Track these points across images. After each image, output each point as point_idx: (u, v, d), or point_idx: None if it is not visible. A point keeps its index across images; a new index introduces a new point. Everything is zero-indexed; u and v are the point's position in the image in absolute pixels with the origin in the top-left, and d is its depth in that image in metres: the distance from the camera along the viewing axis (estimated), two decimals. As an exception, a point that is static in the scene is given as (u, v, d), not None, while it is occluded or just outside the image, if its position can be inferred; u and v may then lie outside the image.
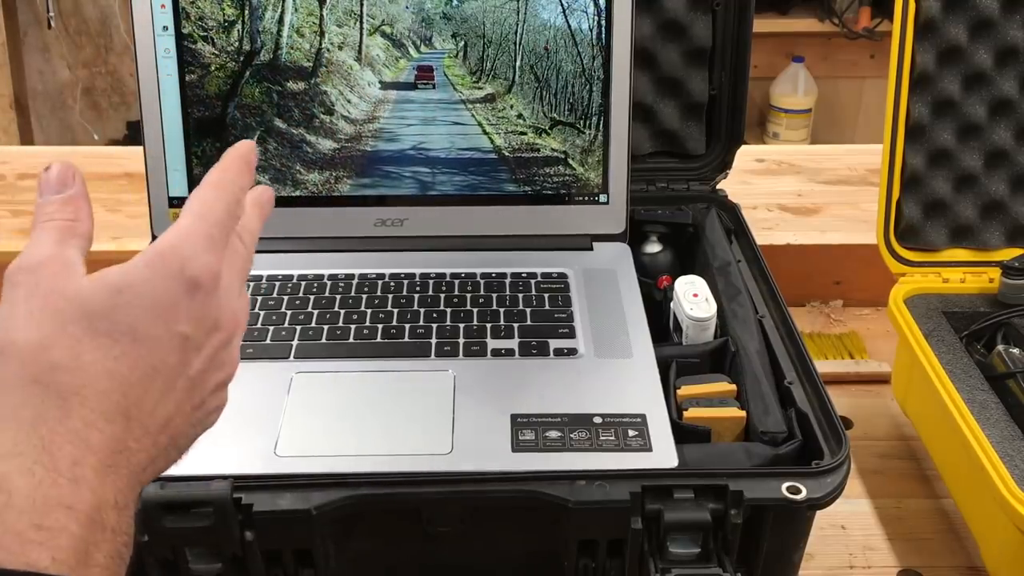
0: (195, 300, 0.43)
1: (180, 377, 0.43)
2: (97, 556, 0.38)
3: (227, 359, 0.46)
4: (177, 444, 0.44)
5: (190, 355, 0.43)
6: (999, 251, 0.89)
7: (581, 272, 0.85)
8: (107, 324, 0.41)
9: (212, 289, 0.44)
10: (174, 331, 0.42)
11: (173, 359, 0.42)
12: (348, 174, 0.88)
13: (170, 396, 0.43)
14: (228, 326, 0.45)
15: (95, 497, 0.39)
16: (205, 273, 0.43)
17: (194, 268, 0.43)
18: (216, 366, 0.45)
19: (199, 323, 0.43)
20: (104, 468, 0.39)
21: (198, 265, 0.43)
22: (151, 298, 0.42)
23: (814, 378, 0.71)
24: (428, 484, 0.62)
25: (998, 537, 0.71)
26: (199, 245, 0.44)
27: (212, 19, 0.84)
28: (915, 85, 0.86)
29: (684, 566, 0.61)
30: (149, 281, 0.42)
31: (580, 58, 0.86)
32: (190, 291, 0.43)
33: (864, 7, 2.51)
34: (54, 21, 2.45)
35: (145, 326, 0.41)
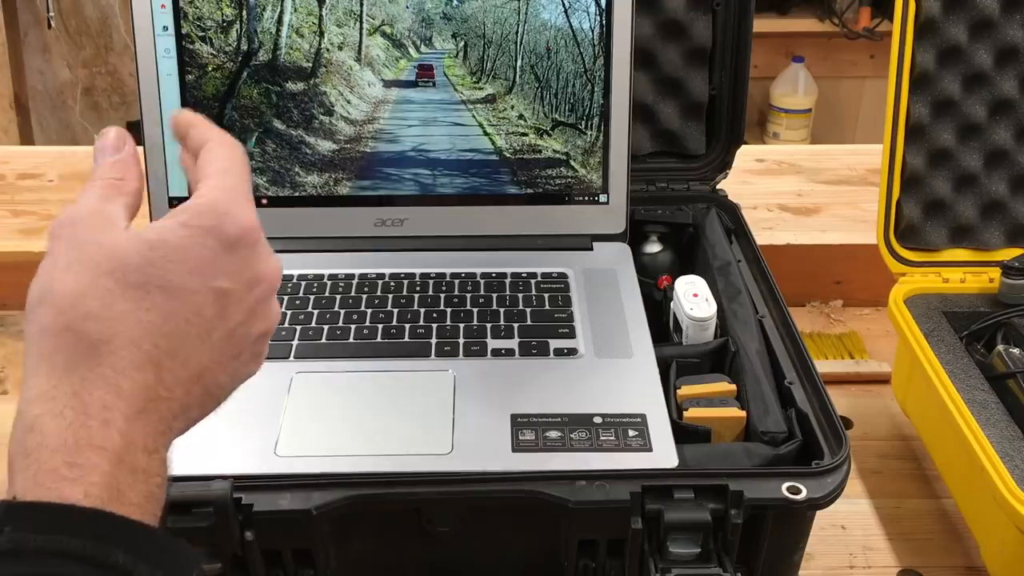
0: (236, 255, 0.44)
1: (217, 330, 0.44)
2: (130, 495, 0.39)
3: (268, 311, 0.47)
4: (212, 394, 0.45)
5: (230, 309, 0.44)
6: (999, 251, 0.89)
7: (581, 272, 0.85)
8: (140, 277, 0.42)
9: (253, 243, 0.45)
10: (211, 286, 0.43)
11: (209, 312, 0.43)
12: (348, 176, 0.88)
13: (205, 348, 0.43)
14: (269, 279, 0.46)
15: (124, 440, 0.40)
16: (246, 228, 0.44)
17: (235, 224, 0.44)
18: (258, 318, 0.46)
19: (238, 277, 0.44)
20: (134, 414, 0.40)
21: (240, 221, 0.44)
22: (186, 254, 0.43)
23: (814, 378, 0.71)
24: (428, 484, 0.62)
25: (998, 537, 0.71)
26: (236, 201, 0.45)
27: (210, 19, 0.84)
28: (915, 85, 0.86)
29: (684, 566, 0.61)
30: (186, 237, 0.43)
31: (580, 58, 0.86)
32: (230, 247, 0.44)
33: (864, 7, 2.51)
34: (54, 21, 2.45)
35: (180, 280, 0.42)
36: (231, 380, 0.46)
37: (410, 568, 0.69)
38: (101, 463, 0.39)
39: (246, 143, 0.86)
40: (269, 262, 0.47)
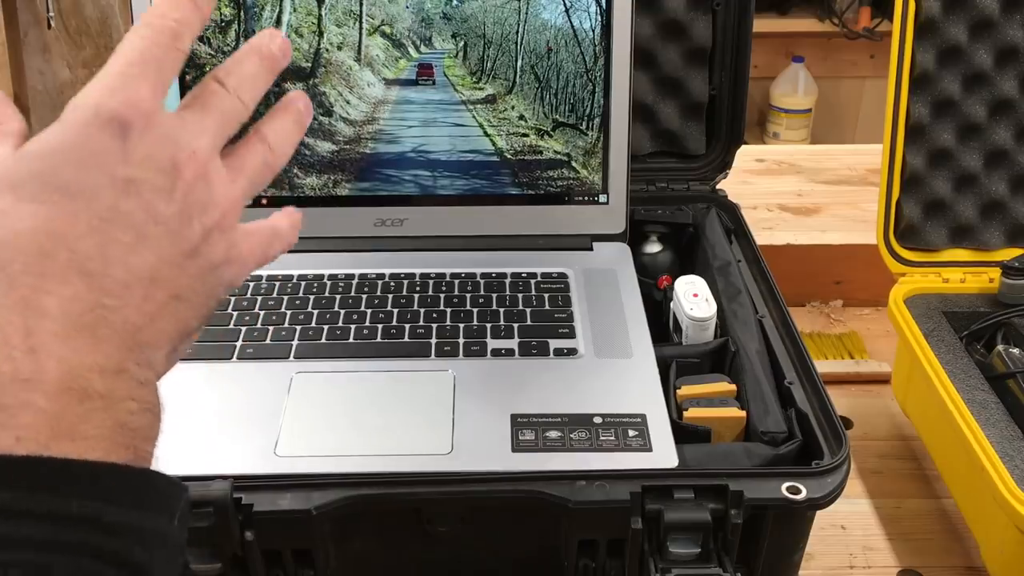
0: (129, 140, 0.39)
1: (145, 223, 0.39)
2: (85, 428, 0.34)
3: (208, 199, 0.41)
4: (182, 297, 0.40)
5: (151, 200, 0.39)
6: (999, 251, 0.89)
7: (581, 272, 0.85)
8: (32, 188, 0.37)
9: (145, 125, 0.39)
10: (113, 176, 0.38)
11: (127, 205, 0.38)
12: (347, 177, 0.88)
13: (143, 246, 0.38)
14: (189, 163, 0.40)
15: (63, 365, 0.35)
16: (126, 108, 0.39)
17: (111, 107, 0.39)
18: (195, 208, 0.41)
19: (146, 163, 0.39)
20: (71, 332, 0.35)
21: (115, 103, 0.39)
22: (72, 150, 0.38)
23: (814, 378, 0.71)
24: (428, 484, 0.62)
25: (998, 537, 0.71)
26: (114, 84, 0.40)
27: (210, 20, 0.84)
28: (915, 85, 0.86)
29: (684, 566, 0.61)
30: (66, 134, 0.39)
31: (580, 58, 0.86)
32: (118, 132, 0.39)
33: (864, 7, 2.51)
34: (54, 21, 2.45)
35: (76, 179, 0.38)
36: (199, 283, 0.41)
37: (410, 568, 0.69)
38: (34, 399, 0.34)
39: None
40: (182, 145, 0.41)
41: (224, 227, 0.42)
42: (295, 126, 0.46)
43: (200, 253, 0.41)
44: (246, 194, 0.44)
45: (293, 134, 0.46)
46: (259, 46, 0.45)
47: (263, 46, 0.45)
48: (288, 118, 0.46)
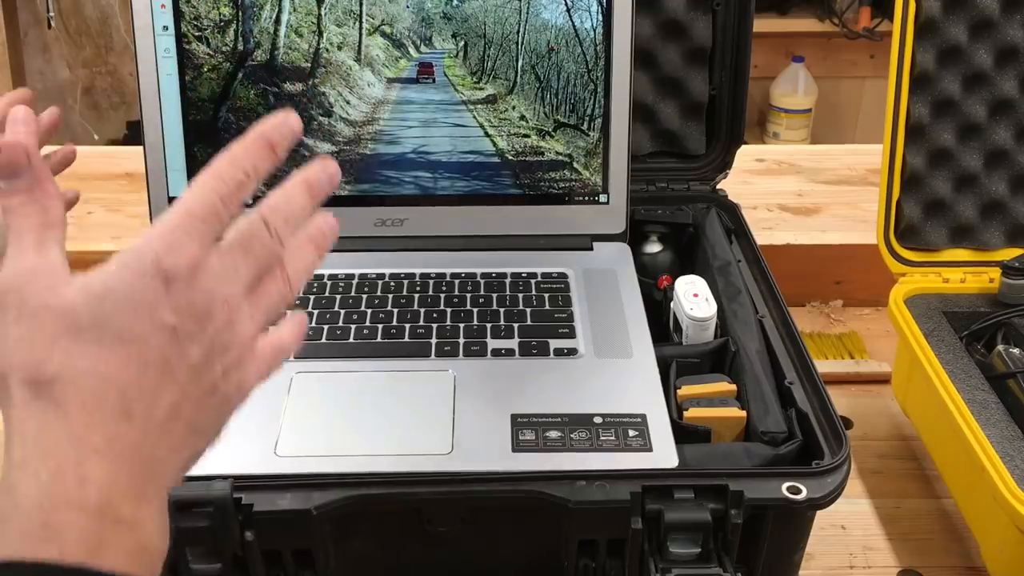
0: (173, 291, 0.43)
1: (179, 368, 0.43)
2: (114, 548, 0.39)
3: (231, 341, 0.45)
4: (199, 430, 0.44)
5: (185, 345, 0.43)
6: (999, 251, 0.89)
7: (581, 272, 0.85)
8: (95, 332, 0.41)
9: (191, 278, 0.43)
10: (160, 325, 0.42)
11: (165, 351, 0.43)
12: (347, 179, 0.87)
13: (172, 386, 0.43)
14: (222, 310, 0.44)
15: (102, 493, 0.40)
16: (179, 264, 0.43)
17: (167, 261, 0.42)
18: (219, 351, 0.44)
19: (185, 313, 0.43)
20: (110, 466, 0.40)
21: (171, 258, 0.43)
22: (129, 296, 0.42)
23: (814, 378, 0.71)
24: (428, 484, 0.62)
25: (998, 537, 0.71)
26: (172, 237, 0.43)
27: (208, 19, 0.84)
28: (915, 85, 0.86)
29: (684, 566, 0.61)
30: (125, 280, 0.42)
31: (580, 58, 0.86)
32: (167, 283, 0.42)
33: (864, 7, 2.51)
34: (54, 21, 2.44)
35: (129, 325, 0.42)
36: (214, 416, 0.45)
37: (410, 568, 0.69)
38: (78, 520, 0.39)
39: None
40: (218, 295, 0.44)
41: (240, 364, 0.46)
42: (316, 258, 0.48)
43: (218, 389, 0.45)
44: (261, 329, 0.47)
45: (312, 266, 0.48)
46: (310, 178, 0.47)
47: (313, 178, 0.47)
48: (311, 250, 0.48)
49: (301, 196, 0.47)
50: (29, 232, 0.44)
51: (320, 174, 0.47)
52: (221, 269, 0.44)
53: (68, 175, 1.29)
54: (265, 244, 0.46)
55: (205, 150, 0.86)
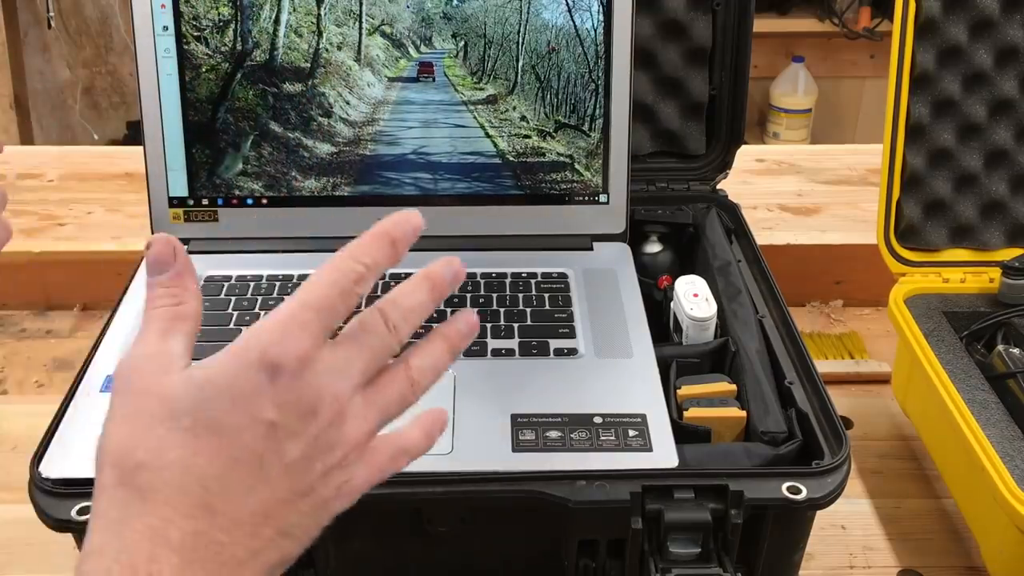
0: (278, 385, 0.42)
1: (272, 466, 0.42)
2: None
3: (336, 441, 0.44)
4: (289, 534, 0.43)
5: (282, 442, 0.42)
6: (999, 251, 0.89)
7: (581, 272, 0.85)
8: (190, 420, 0.41)
9: (298, 372, 0.42)
10: (258, 419, 0.41)
11: (259, 447, 0.41)
12: (346, 180, 0.87)
13: (263, 485, 0.42)
14: (329, 408, 0.43)
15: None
16: (287, 356, 0.42)
17: (275, 353, 0.42)
18: (322, 451, 0.43)
19: (287, 408, 0.42)
20: (185, 562, 0.39)
21: (279, 349, 0.42)
22: (230, 387, 0.41)
23: (814, 378, 0.71)
24: (428, 484, 0.62)
25: (998, 537, 0.71)
26: (284, 329, 0.43)
27: (207, 19, 0.84)
28: (915, 85, 0.86)
29: (684, 566, 0.61)
30: (229, 371, 0.42)
31: (581, 58, 0.86)
32: (271, 375, 0.42)
33: (864, 7, 2.51)
34: (54, 21, 2.45)
35: (226, 417, 0.41)
36: (308, 520, 0.44)
37: (410, 568, 0.69)
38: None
39: (241, 147, 0.86)
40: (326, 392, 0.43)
41: (344, 464, 0.44)
42: (447, 357, 0.47)
43: (315, 491, 0.43)
44: (376, 430, 0.46)
45: (441, 366, 0.47)
46: (433, 275, 0.48)
47: (437, 275, 0.48)
48: (438, 346, 0.47)
49: (421, 291, 0.47)
50: (158, 321, 0.44)
51: (444, 270, 0.48)
52: (332, 364, 0.44)
53: (69, 175, 1.29)
54: (381, 337, 0.45)
55: (204, 150, 0.86)
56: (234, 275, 0.83)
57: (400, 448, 0.47)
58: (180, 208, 0.86)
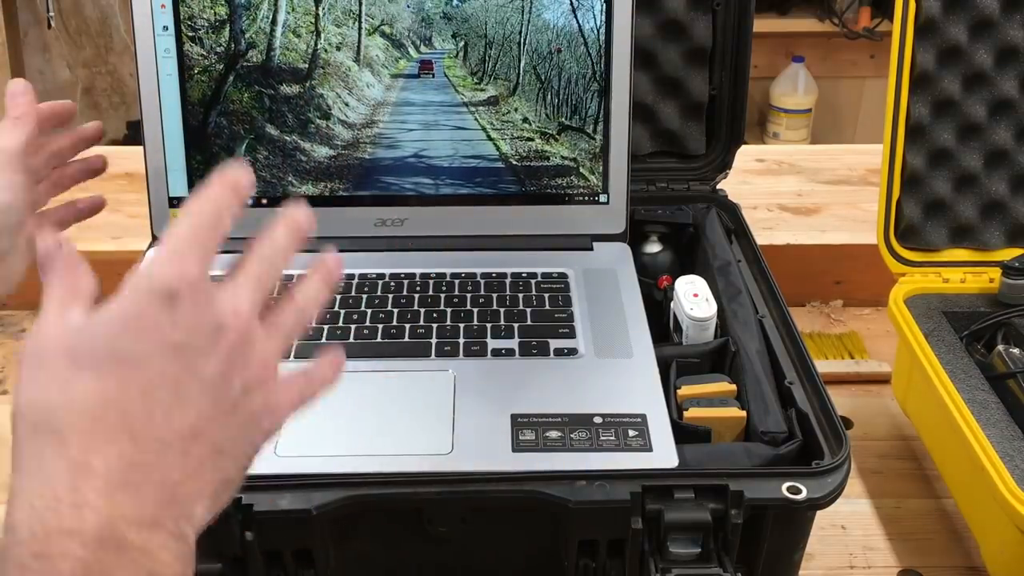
0: (177, 308, 0.43)
1: (190, 386, 0.43)
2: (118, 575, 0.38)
3: (249, 358, 0.45)
4: (223, 451, 0.43)
5: (197, 362, 0.43)
6: (999, 251, 0.89)
7: (581, 272, 0.85)
8: (90, 358, 0.42)
9: (194, 293, 0.43)
10: (163, 343, 0.42)
11: (172, 369, 0.42)
12: (344, 186, 0.87)
13: (185, 405, 0.42)
14: (235, 324, 0.44)
15: (102, 518, 0.39)
16: (176, 280, 0.43)
17: (163, 279, 0.43)
18: (237, 366, 0.44)
19: (192, 328, 0.43)
20: (113, 488, 0.39)
21: (167, 275, 0.43)
22: (126, 319, 0.42)
23: (814, 378, 0.71)
24: (428, 484, 0.62)
25: (998, 537, 0.71)
26: (165, 259, 0.44)
27: (202, 19, 0.84)
28: (915, 85, 0.86)
29: (684, 566, 0.61)
30: (125, 305, 0.43)
31: (582, 58, 0.86)
32: (168, 301, 0.43)
33: (864, 7, 2.51)
34: (54, 21, 2.44)
35: (128, 346, 0.42)
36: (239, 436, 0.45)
37: (410, 568, 0.69)
38: (73, 548, 0.38)
39: (235, 151, 0.86)
40: (226, 308, 0.45)
41: (262, 380, 0.46)
42: (324, 285, 0.51)
43: (240, 407, 0.44)
44: (281, 350, 0.48)
45: (321, 293, 0.50)
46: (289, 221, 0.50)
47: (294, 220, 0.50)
48: (316, 279, 0.51)
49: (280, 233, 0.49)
50: (55, 299, 0.45)
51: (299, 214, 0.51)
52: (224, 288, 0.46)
53: (68, 175, 1.28)
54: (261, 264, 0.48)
55: (205, 150, 0.85)
56: (234, 275, 0.83)
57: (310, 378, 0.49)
58: (180, 208, 0.86)
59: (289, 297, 0.49)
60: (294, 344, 0.75)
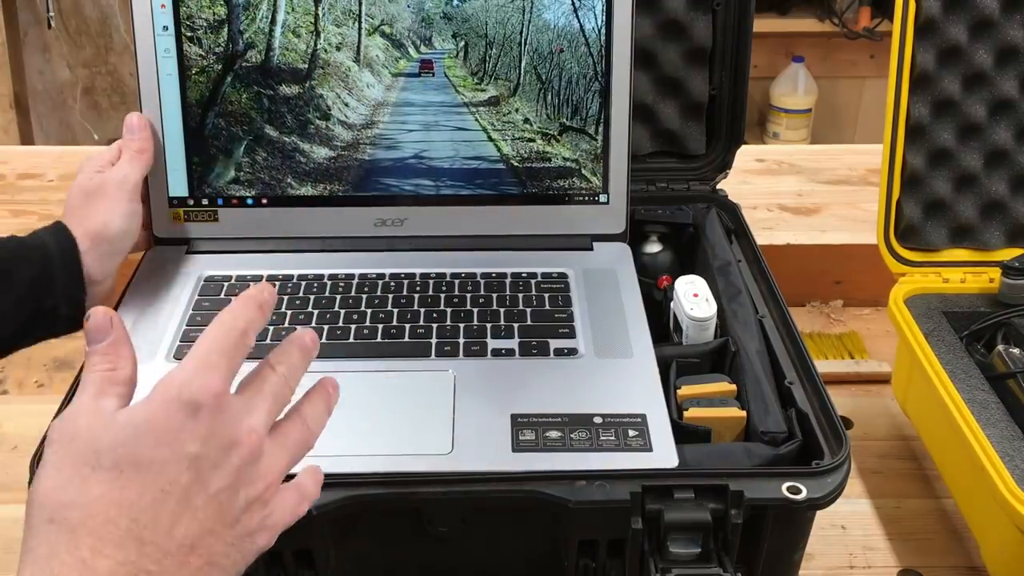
0: (199, 420, 0.45)
1: (197, 496, 0.45)
2: None
3: (256, 475, 0.48)
4: (216, 564, 0.45)
5: (206, 474, 0.45)
6: (999, 251, 0.89)
7: (581, 272, 0.85)
8: (112, 457, 0.44)
9: (217, 408, 0.46)
10: (181, 452, 0.44)
11: (184, 479, 0.44)
12: (344, 188, 0.87)
13: (190, 516, 0.44)
14: (248, 442, 0.47)
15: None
16: (203, 393, 0.46)
17: (190, 390, 0.45)
18: (244, 482, 0.47)
19: (208, 441, 0.45)
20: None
21: (194, 387, 0.46)
22: (151, 425, 0.45)
23: (814, 378, 0.71)
24: (428, 484, 0.62)
25: (998, 537, 0.71)
26: (194, 370, 0.46)
27: (200, 19, 0.84)
28: (915, 85, 0.86)
29: (684, 566, 0.61)
30: (151, 410, 0.45)
31: (581, 58, 0.86)
32: (191, 412, 0.45)
33: (864, 7, 2.51)
34: (54, 21, 2.44)
35: (149, 452, 0.44)
36: (234, 551, 0.47)
37: (410, 568, 0.69)
38: None
39: (233, 152, 0.86)
40: (242, 425, 0.47)
41: (265, 499, 0.48)
42: (325, 407, 0.54)
43: (240, 522, 0.47)
44: (286, 468, 0.50)
45: (324, 415, 0.54)
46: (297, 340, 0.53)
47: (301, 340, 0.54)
48: (320, 400, 0.54)
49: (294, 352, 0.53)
50: (92, 384, 0.47)
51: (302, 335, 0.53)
52: (243, 403, 0.48)
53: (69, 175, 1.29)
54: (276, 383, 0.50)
55: (204, 151, 0.85)
56: (234, 275, 0.83)
57: (302, 494, 0.52)
58: (180, 208, 0.86)
59: (297, 414, 0.52)
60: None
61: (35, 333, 0.71)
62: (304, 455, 0.52)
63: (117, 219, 0.75)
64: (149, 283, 0.82)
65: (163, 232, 0.86)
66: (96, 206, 0.75)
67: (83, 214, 0.75)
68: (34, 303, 0.70)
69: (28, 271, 0.70)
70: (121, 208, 0.76)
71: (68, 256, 0.72)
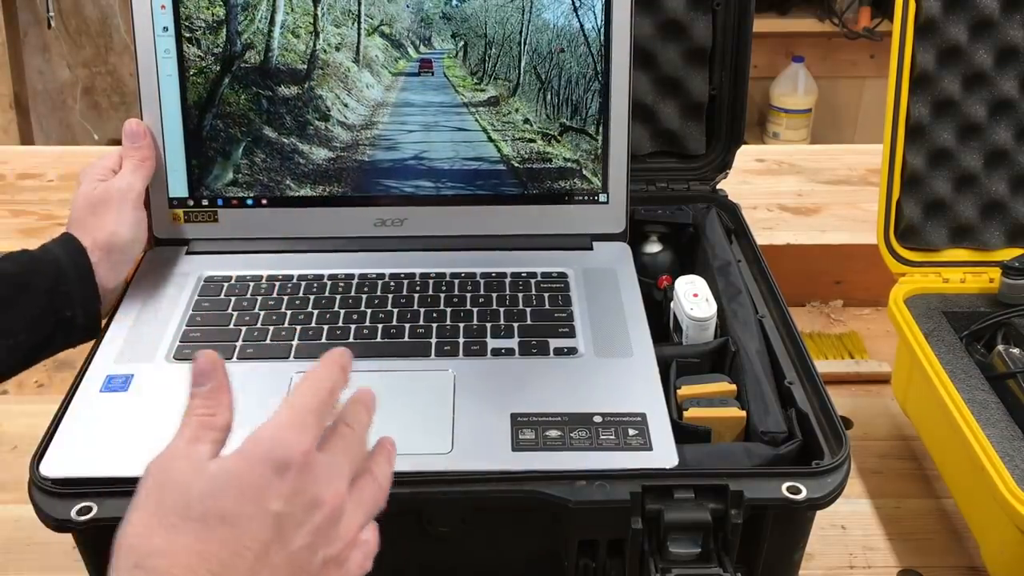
0: (285, 479, 0.47)
1: (276, 553, 0.46)
2: None
3: (336, 535, 0.49)
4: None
5: (288, 531, 0.46)
6: (999, 251, 0.89)
7: (581, 272, 0.85)
8: (201, 509, 0.45)
9: (304, 467, 0.47)
10: (266, 509, 0.46)
11: (266, 535, 0.46)
12: (343, 189, 0.87)
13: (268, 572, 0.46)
14: (332, 502, 0.48)
15: None
16: (292, 452, 0.47)
17: (281, 449, 0.47)
18: (323, 541, 0.48)
19: (293, 500, 0.47)
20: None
21: (285, 446, 0.47)
22: (240, 481, 0.46)
23: (814, 378, 0.71)
24: (428, 484, 0.62)
25: (998, 537, 0.71)
26: (287, 428, 0.48)
27: (199, 19, 0.84)
28: (915, 85, 0.86)
29: (684, 566, 0.61)
30: (241, 465, 0.47)
31: (581, 59, 0.86)
32: (279, 470, 0.47)
33: (864, 7, 2.51)
34: (54, 21, 2.44)
35: (235, 507, 0.45)
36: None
37: (410, 568, 0.69)
38: None
39: (231, 154, 0.86)
40: (330, 486, 0.49)
41: (341, 560, 0.49)
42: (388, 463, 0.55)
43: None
44: (363, 527, 0.52)
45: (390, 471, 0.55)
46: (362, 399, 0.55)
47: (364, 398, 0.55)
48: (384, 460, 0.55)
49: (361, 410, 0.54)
50: (190, 427, 0.49)
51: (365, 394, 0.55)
52: (329, 463, 0.49)
53: (69, 175, 1.29)
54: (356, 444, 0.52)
55: (204, 151, 0.85)
56: (234, 275, 0.83)
57: (369, 551, 0.52)
58: (180, 208, 0.86)
59: (369, 473, 0.53)
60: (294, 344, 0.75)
61: (55, 343, 0.72)
62: (377, 513, 0.53)
63: (125, 228, 0.77)
64: (149, 283, 0.82)
65: (163, 233, 0.86)
66: (103, 216, 0.76)
67: (91, 224, 0.76)
68: (54, 314, 0.71)
69: (44, 283, 0.71)
70: (128, 217, 0.77)
71: (81, 268, 0.73)
